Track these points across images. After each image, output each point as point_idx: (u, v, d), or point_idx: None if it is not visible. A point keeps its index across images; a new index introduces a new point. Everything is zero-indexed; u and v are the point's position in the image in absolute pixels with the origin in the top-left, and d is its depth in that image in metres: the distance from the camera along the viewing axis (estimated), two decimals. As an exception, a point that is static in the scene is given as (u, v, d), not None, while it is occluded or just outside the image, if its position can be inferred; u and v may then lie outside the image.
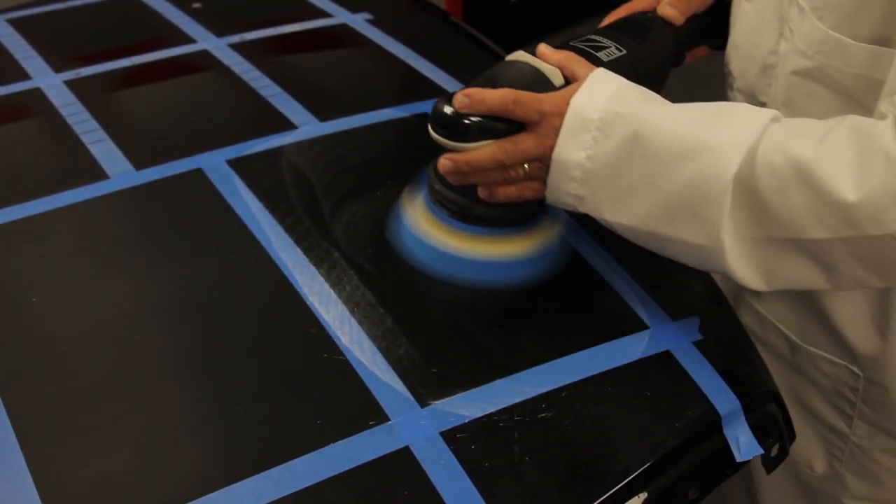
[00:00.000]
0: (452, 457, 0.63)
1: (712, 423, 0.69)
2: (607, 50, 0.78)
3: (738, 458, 0.69)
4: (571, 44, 0.78)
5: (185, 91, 1.04)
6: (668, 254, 0.71)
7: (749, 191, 0.64)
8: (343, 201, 0.85)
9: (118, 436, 0.65)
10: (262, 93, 1.00)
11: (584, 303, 0.77)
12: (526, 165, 0.71)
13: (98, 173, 0.87)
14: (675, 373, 0.71)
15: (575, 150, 0.69)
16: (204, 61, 1.07)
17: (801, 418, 0.89)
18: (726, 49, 0.86)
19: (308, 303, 0.73)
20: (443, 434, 0.64)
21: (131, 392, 0.68)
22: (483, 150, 0.71)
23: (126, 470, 0.63)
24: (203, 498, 0.60)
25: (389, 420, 0.65)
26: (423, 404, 0.66)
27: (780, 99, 0.78)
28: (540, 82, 0.73)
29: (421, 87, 1.03)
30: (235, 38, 1.10)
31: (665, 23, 0.84)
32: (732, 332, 0.77)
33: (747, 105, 0.68)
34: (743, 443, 0.69)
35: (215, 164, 0.88)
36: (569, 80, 0.74)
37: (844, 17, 0.69)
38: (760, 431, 0.70)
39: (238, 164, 0.88)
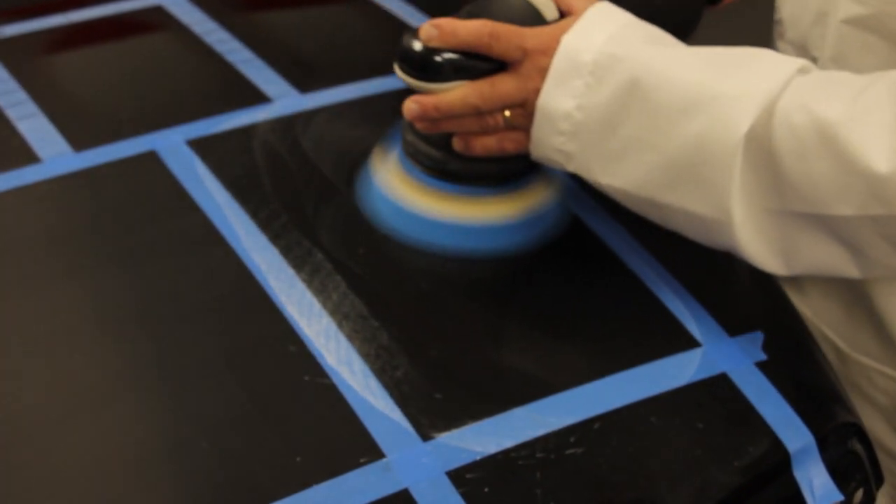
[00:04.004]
0: (461, 501, 0.64)
1: (780, 462, 0.70)
2: None
3: (812, 506, 0.70)
4: None
5: (134, 56, 1.06)
6: (669, 225, 0.73)
7: (763, 153, 0.65)
8: (329, 191, 0.86)
9: (49, 478, 0.65)
10: (230, 58, 1.01)
11: (621, 314, 0.78)
12: (507, 112, 0.73)
13: (27, 156, 0.88)
14: (733, 400, 0.72)
15: (563, 98, 0.71)
16: (158, 19, 1.08)
17: None
18: None
19: (286, 314, 0.75)
20: (449, 474, 0.66)
21: (68, 422, 0.69)
22: (455, 93, 0.73)
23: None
24: (158, 550, 0.62)
25: (385, 457, 0.66)
26: (425, 437, 0.67)
27: (829, 52, 0.79)
28: (527, 15, 0.75)
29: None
30: (196, -9, 1.11)
31: None
32: (804, 351, 0.78)
33: (773, 52, 0.69)
34: (818, 486, 0.70)
35: (172, 144, 0.90)
36: (564, 16, 0.75)
37: None
38: (840, 473, 0.71)
39: (200, 146, 0.89)
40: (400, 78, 0.76)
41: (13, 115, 0.93)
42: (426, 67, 0.74)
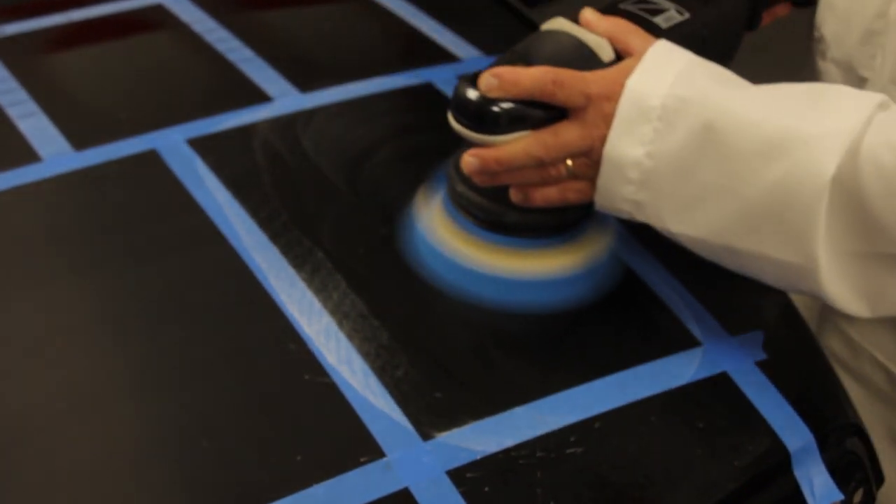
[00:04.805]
0: (462, 500, 0.64)
1: (780, 461, 0.70)
2: (666, 14, 0.77)
3: (812, 505, 0.70)
4: (621, 6, 0.77)
5: (134, 54, 1.06)
6: (746, 271, 0.71)
7: (850, 196, 0.63)
8: (329, 191, 0.86)
9: (49, 477, 0.65)
10: (230, 57, 1.01)
11: (621, 313, 0.78)
12: (569, 161, 0.70)
13: (28, 155, 0.88)
14: (733, 399, 0.72)
15: (631, 146, 0.68)
16: (158, 18, 1.08)
17: None
18: (817, 7, 0.85)
19: (286, 313, 0.75)
20: (450, 473, 0.66)
21: (68, 422, 0.69)
22: (517, 144, 0.70)
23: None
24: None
25: (385, 456, 0.66)
26: (425, 437, 0.68)
27: (889, 75, 0.77)
28: (584, 58, 0.72)
29: (424, 51, 1.04)
30: (196, -10, 1.12)
31: None
32: (805, 350, 0.78)
33: (846, 88, 0.67)
34: (818, 486, 0.70)
35: (173, 144, 0.90)
36: (621, 56, 0.73)
37: None
38: (840, 472, 0.71)
39: (201, 145, 0.89)
40: (455, 130, 0.72)
41: (13, 114, 0.93)
42: (484, 119, 0.70)
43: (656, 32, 0.75)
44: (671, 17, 0.77)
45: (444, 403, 0.70)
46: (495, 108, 0.70)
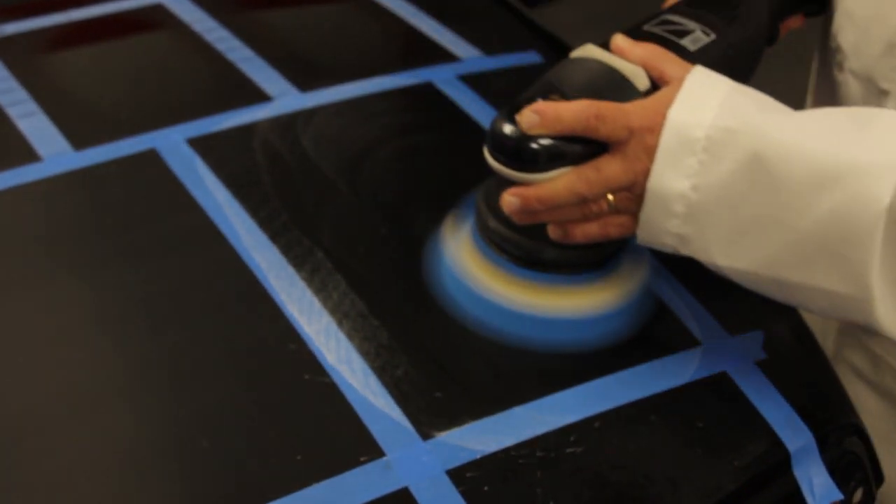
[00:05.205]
0: (461, 500, 0.64)
1: (780, 461, 0.70)
2: (692, 35, 0.75)
3: (811, 505, 0.70)
4: (646, 29, 0.75)
5: (134, 54, 1.06)
6: (793, 301, 0.70)
7: None
8: (329, 190, 0.86)
9: (49, 477, 0.66)
10: (230, 56, 1.01)
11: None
12: (610, 196, 0.69)
13: (28, 154, 0.88)
14: (733, 399, 0.72)
15: (676, 178, 0.66)
16: (158, 17, 1.08)
17: None
18: (834, 17, 0.83)
19: (286, 312, 0.75)
20: (449, 472, 0.66)
21: (69, 422, 0.69)
22: (559, 182, 0.68)
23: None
24: (159, 548, 0.62)
25: (385, 455, 0.66)
26: (425, 436, 0.68)
27: None
28: (619, 87, 0.70)
29: (424, 51, 1.04)
30: (196, -10, 1.12)
31: None
32: (804, 350, 0.78)
33: (892, 112, 0.66)
34: (817, 486, 0.70)
35: (173, 143, 0.90)
36: (655, 83, 0.71)
37: None
38: (840, 472, 0.71)
39: (201, 144, 0.90)
40: (492, 167, 0.70)
41: (13, 114, 0.93)
42: (525, 157, 0.68)
43: (685, 56, 0.72)
44: (698, 38, 0.75)
45: (444, 403, 0.70)
46: (536, 146, 0.67)
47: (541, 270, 0.74)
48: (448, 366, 0.73)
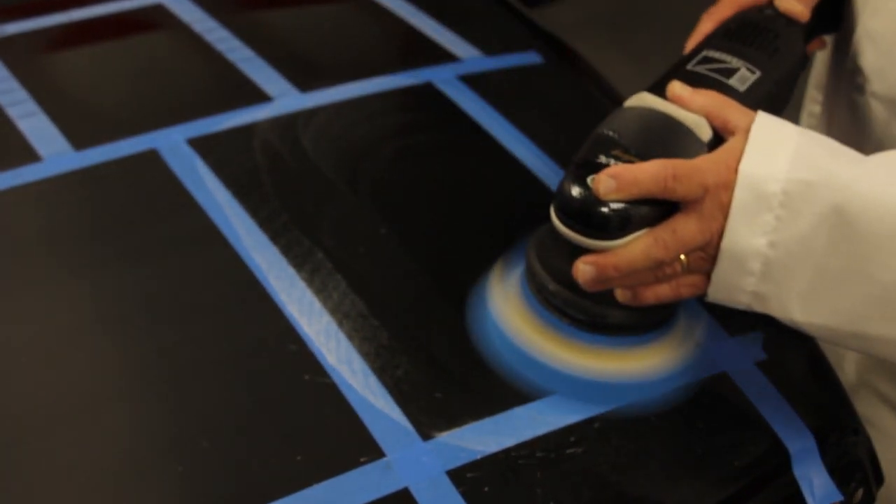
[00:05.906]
0: (461, 500, 0.65)
1: (780, 461, 0.70)
2: (739, 74, 0.72)
3: (812, 506, 0.70)
4: (691, 69, 0.73)
5: (134, 54, 1.06)
6: (874, 352, 0.68)
7: None
8: (329, 190, 0.87)
9: (49, 477, 0.66)
10: (230, 57, 1.01)
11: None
12: (683, 257, 0.65)
13: (28, 154, 0.88)
14: (733, 400, 0.72)
15: (752, 236, 0.64)
16: (158, 17, 1.08)
17: None
18: (853, 39, 0.81)
19: (286, 313, 0.75)
20: (450, 473, 0.66)
21: (69, 422, 0.69)
22: (635, 248, 0.64)
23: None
24: (159, 549, 0.62)
25: (385, 456, 0.66)
26: (425, 437, 0.68)
27: None
28: (684, 139, 0.67)
29: (423, 51, 1.04)
30: (196, -10, 1.12)
31: (789, 21, 0.78)
32: (805, 350, 0.78)
33: None
34: (817, 486, 0.70)
35: (173, 143, 0.90)
36: (717, 133, 0.68)
37: None
38: (840, 472, 0.72)
39: (201, 145, 0.90)
40: (562, 233, 0.65)
41: (13, 114, 0.93)
42: (599, 223, 0.64)
43: (737, 97, 0.70)
44: (745, 77, 0.72)
45: (444, 403, 0.70)
46: (609, 211, 0.63)
47: (604, 334, 0.71)
48: (448, 366, 0.73)
